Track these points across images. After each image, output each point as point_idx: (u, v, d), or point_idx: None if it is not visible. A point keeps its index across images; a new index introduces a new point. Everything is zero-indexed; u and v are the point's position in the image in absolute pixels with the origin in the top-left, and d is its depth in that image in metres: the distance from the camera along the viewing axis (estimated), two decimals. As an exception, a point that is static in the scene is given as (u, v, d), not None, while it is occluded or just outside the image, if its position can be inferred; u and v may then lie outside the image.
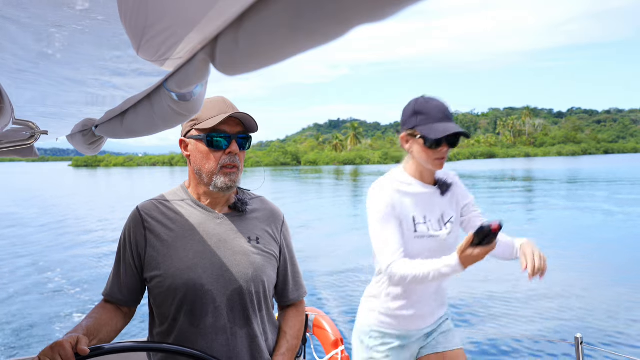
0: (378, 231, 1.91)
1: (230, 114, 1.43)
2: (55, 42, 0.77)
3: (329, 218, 19.16)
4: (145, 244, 1.48)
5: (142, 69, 0.96)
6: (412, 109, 1.94)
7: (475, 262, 1.78)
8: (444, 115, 1.89)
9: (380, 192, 1.95)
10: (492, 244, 1.76)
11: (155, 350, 1.29)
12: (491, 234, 1.72)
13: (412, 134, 1.92)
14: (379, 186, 1.99)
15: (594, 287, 8.41)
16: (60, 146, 2.21)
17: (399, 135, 2.02)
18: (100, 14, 0.65)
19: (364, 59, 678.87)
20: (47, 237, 15.59)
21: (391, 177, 2.01)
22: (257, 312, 1.51)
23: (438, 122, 1.88)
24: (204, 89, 0.81)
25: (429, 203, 1.98)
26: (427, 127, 1.87)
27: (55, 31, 0.71)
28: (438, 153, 1.89)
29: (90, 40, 0.77)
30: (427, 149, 1.89)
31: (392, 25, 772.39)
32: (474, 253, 1.74)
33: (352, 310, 7.54)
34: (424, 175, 2.00)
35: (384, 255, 1.88)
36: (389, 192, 1.94)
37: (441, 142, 1.87)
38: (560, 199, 23.11)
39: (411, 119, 1.93)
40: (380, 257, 1.89)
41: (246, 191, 1.67)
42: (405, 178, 1.99)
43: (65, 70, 0.97)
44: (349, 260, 11.17)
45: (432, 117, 1.89)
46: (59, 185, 49.94)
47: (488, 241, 1.74)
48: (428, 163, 1.92)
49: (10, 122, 1.12)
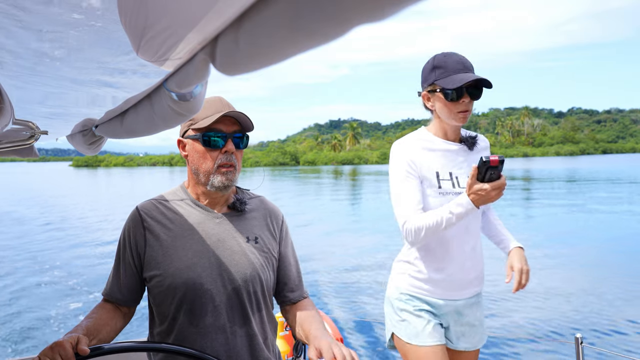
0: (396, 189, 1.88)
1: (225, 113, 1.44)
2: (56, 42, 0.77)
3: (326, 217, 19.16)
4: (145, 244, 1.49)
5: (142, 69, 0.96)
6: (430, 65, 1.90)
7: (488, 200, 1.75)
8: (464, 66, 1.84)
9: (402, 148, 1.91)
10: (501, 180, 1.75)
11: (155, 350, 1.29)
12: (491, 167, 1.72)
13: (433, 90, 1.88)
14: (401, 143, 1.95)
15: (593, 287, 8.41)
16: (61, 146, 2.19)
17: (420, 95, 1.97)
18: (101, 15, 0.65)
19: (364, 59, 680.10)
20: (47, 237, 15.60)
21: (414, 135, 1.97)
22: (256, 311, 1.52)
23: (457, 73, 1.83)
24: (204, 89, 0.81)
25: (456, 160, 1.94)
26: (446, 80, 1.83)
27: (55, 31, 0.71)
28: (460, 105, 1.84)
29: (90, 40, 0.77)
30: (448, 103, 1.84)
31: (392, 25, 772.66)
32: (485, 189, 1.73)
33: (351, 310, 7.54)
34: (449, 134, 1.95)
35: (400, 212, 1.85)
36: (411, 148, 1.90)
37: (462, 93, 1.82)
38: (558, 199, 23.11)
39: (430, 75, 1.89)
40: (397, 216, 1.86)
41: (246, 191, 1.68)
42: (429, 136, 1.94)
43: (65, 70, 0.97)
44: (348, 259, 11.17)
45: (450, 69, 1.84)
46: (60, 185, 50.01)
47: (492, 177, 1.75)
48: (451, 118, 1.87)
49: (10, 122, 1.12)
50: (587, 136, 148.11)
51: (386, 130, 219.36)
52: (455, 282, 1.92)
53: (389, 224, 16.16)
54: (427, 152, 1.90)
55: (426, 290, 1.93)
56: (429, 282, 1.92)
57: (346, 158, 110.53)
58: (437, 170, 1.89)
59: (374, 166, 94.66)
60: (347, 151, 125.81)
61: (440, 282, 1.91)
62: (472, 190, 1.75)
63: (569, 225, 15.47)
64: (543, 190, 28.99)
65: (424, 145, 1.91)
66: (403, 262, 2.00)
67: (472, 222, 1.94)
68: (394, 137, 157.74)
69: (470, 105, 1.87)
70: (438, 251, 1.90)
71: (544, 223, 15.96)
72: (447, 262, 1.90)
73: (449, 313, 1.96)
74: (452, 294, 1.93)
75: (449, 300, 1.94)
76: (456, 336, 1.99)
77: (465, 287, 1.95)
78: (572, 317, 6.85)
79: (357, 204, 24.10)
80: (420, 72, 1.96)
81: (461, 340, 1.99)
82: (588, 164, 66.27)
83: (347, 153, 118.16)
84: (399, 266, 2.02)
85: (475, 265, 1.97)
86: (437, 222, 1.78)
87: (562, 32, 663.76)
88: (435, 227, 1.78)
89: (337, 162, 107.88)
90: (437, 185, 1.87)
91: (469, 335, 2.00)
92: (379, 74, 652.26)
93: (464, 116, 1.87)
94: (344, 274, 9.82)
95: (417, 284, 1.93)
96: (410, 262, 1.96)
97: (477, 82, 1.82)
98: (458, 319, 1.98)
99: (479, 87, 1.85)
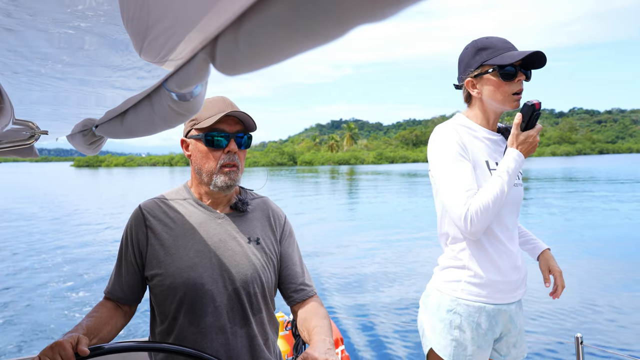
0: (448, 173, 1.70)
1: (228, 113, 1.44)
2: (56, 43, 0.77)
3: (324, 215, 19.17)
4: (147, 243, 1.49)
5: (142, 69, 0.96)
6: (474, 49, 1.78)
7: (534, 148, 1.70)
8: (511, 45, 1.73)
9: (449, 132, 1.76)
10: (537, 126, 1.72)
11: (155, 350, 1.29)
12: (535, 111, 1.69)
13: (481, 73, 1.76)
14: (445, 128, 1.79)
15: (593, 287, 8.41)
16: (63, 146, 2.18)
17: (460, 84, 1.85)
18: (101, 15, 0.65)
19: (367, 59, 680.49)
20: (51, 235, 15.61)
21: (456, 120, 1.84)
22: (257, 312, 1.52)
23: (507, 51, 1.72)
24: (204, 89, 0.81)
25: (498, 150, 1.83)
26: (498, 58, 1.71)
27: (55, 31, 0.71)
28: (516, 85, 1.73)
29: (90, 40, 0.77)
30: (503, 84, 1.72)
31: (394, 25, 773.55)
32: (532, 136, 1.68)
33: (352, 309, 7.54)
34: (490, 122, 1.83)
35: (456, 200, 1.66)
36: (459, 133, 1.76)
37: (516, 72, 1.71)
38: (556, 199, 23.10)
39: (475, 58, 1.76)
40: (453, 203, 1.67)
41: (249, 191, 1.68)
42: (471, 124, 1.82)
43: (66, 71, 0.97)
44: (348, 258, 11.17)
45: (500, 47, 1.73)
46: (61, 184, 50.24)
47: (534, 122, 1.71)
48: (505, 102, 1.75)
49: (10, 122, 1.13)
50: (584, 136, 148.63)
51: (387, 131, 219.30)
52: (512, 282, 1.79)
53: (387, 222, 16.16)
54: (474, 139, 1.78)
55: (485, 297, 1.76)
56: (488, 286, 1.75)
57: (343, 158, 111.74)
58: (487, 160, 1.78)
59: (370, 166, 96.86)
60: (344, 151, 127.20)
61: (499, 283, 1.76)
62: (519, 141, 1.69)
63: (569, 225, 15.47)
64: (540, 189, 28.98)
65: (469, 132, 1.79)
66: (453, 269, 1.80)
67: (512, 218, 1.84)
68: (393, 137, 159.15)
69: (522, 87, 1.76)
70: (491, 250, 1.76)
71: (544, 223, 15.96)
72: (503, 260, 1.77)
73: (503, 322, 1.82)
74: (510, 296, 1.80)
75: (505, 305, 1.80)
76: (507, 346, 1.86)
77: (520, 286, 1.84)
78: (572, 317, 6.85)
79: (354, 202, 24.10)
80: (458, 62, 1.86)
81: (512, 350, 1.87)
82: (584, 164, 66.45)
83: (344, 153, 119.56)
84: (448, 273, 1.81)
85: (523, 262, 1.87)
86: (498, 188, 1.65)
87: (565, 33, 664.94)
88: (499, 197, 1.65)
89: (334, 162, 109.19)
90: (490, 174, 1.75)
91: (519, 344, 1.89)
92: (381, 74, 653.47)
93: (518, 100, 1.76)
94: (344, 274, 9.82)
95: (475, 291, 1.75)
96: (463, 267, 1.77)
97: (530, 59, 1.71)
98: (512, 327, 1.85)
99: (528, 67, 1.74)
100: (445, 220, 1.83)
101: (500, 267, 1.76)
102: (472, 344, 1.76)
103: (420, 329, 1.91)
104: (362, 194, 29.96)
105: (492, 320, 1.78)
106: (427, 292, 1.90)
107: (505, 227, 1.80)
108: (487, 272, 1.75)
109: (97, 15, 0.65)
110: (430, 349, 1.84)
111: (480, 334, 1.77)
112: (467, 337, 1.76)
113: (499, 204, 1.67)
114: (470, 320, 1.76)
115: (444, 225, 1.84)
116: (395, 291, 8.59)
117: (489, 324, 1.78)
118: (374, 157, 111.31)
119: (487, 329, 1.77)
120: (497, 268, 1.76)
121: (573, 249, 11.71)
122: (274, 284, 1.59)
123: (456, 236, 1.79)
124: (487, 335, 1.78)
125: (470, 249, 1.76)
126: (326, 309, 1.56)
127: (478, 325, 1.76)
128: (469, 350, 1.76)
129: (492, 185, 1.67)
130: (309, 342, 1.39)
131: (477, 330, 1.76)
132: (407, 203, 23.29)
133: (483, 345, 1.78)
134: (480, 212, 1.63)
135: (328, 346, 1.27)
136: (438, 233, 1.89)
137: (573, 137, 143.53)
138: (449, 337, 1.77)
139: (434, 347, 1.81)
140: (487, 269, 1.75)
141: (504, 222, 1.79)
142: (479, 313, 1.76)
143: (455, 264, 1.80)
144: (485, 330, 1.77)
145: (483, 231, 1.69)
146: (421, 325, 1.90)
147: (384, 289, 8.78)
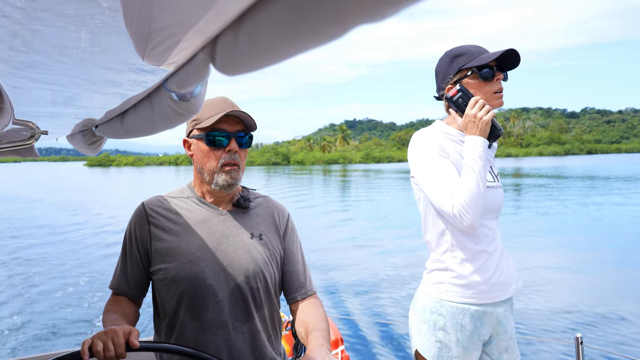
0: (430, 173, 1.73)
1: (228, 112, 1.46)
2: (56, 43, 0.77)
3: (319, 211, 19.17)
4: (150, 238, 1.52)
5: (142, 69, 0.96)
6: (448, 58, 1.82)
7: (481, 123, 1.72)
8: (484, 49, 1.79)
9: (427, 136, 1.80)
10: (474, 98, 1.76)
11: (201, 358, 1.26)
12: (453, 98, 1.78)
13: (460, 78, 1.80)
14: (423, 133, 1.83)
15: (593, 287, 8.41)
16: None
17: (440, 94, 1.88)
18: (101, 15, 0.65)
19: (383, 59, 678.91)
20: (67, 234, 15.67)
21: (434, 127, 1.87)
22: (259, 308, 1.52)
23: (481, 54, 1.78)
24: (204, 89, 0.81)
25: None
26: (475, 60, 1.76)
27: (55, 31, 0.71)
28: (495, 85, 1.78)
29: (90, 40, 0.77)
30: (483, 84, 1.78)
31: (410, 24, 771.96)
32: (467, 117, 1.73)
33: (352, 309, 7.54)
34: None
35: (442, 200, 1.69)
36: (437, 136, 1.79)
37: (494, 72, 1.76)
38: (555, 198, 23.10)
39: (452, 65, 1.81)
40: (441, 203, 1.70)
41: (252, 190, 1.69)
42: (451, 129, 1.84)
43: (66, 70, 0.97)
44: (346, 258, 11.17)
45: (473, 52, 1.78)
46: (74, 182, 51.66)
47: (464, 102, 1.78)
48: (489, 101, 1.78)
49: (10, 122, 1.13)
50: (573, 137, 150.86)
51: (400, 130, 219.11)
52: (496, 283, 1.79)
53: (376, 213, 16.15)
54: (454, 144, 1.80)
55: (469, 297, 1.76)
56: (471, 287, 1.76)
57: (332, 158, 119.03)
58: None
59: (357, 165, 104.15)
60: (335, 152, 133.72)
61: (481, 284, 1.76)
62: (464, 126, 1.73)
63: (569, 224, 15.46)
64: (533, 188, 28.98)
65: (448, 137, 1.82)
66: (437, 271, 1.81)
67: (493, 218, 1.84)
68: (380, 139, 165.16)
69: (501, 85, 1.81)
70: (473, 251, 1.77)
71: (542, 221, 15.96)
72: (485, 260, 1.78)
73: (491, 324, 1.81)
74: (494, 295, 1.79)
75: (491, 307, 1.80)
76: (498, 350, 1.85)
77: (504, 287, 1.82)
78: (572, 317, 6.85)
79: (346, 197, 24.13)
80: (435, 73, 1.89)
81: (503, 355, 1.86)
82: (567, 163, 67.03)
83: (334, 154, 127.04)
84: (433, 276, 1.83)
85: (509, 262, 1.88)
86: (474, 180, 1.67)
87: (582, 31, 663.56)
88: (479, 185, 1.67)
89: (324, 162, 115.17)
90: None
91: (512, 350, 1.87)
92: (397, 73, 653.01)
93: (501, 97, 1.80)
94: (343, 274, 9.81)
95: (459, 292, 1.76)
96: (446, 269, 1.79)
97: (505, 59, 1.76)
98: (501, 331, 1.83)
99: (508, 64, 1.79)
100: (429, 224, 1.84)
101: (482, 268, 1.77)
102: (457, 345, 1.76)
103: (410, 331, 1.93)
104: (352, 191, 30.11)
105: (477, 322, 1.78)
106: (416, 295, 1.92)
107: (487, 227, 1.81)
108: (470, 273, 1.76)
109: (97, 15, 0.65)
110: (416, 351, 1.86)
111: (465, 335, 1.77)
112: (452, 339, 1.77)
113: (482, 191, 1.69)
114: (454, 322, 1.77)
115: (428, 229, 1.86)
116: (396, 291, 8.60)
117: (474, 325, 1.78)
118: (361, 157, 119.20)
119: (472, 331, 1.77)
120: (479, 269, 1.77)
121: (573, 248, 11.71)
122: (278, 280, 1.59)
123: (439, 239, 1.82)
124: (472, 337, 1.78)
125: (453, 251, 1.79)
126: (325, 308, 1.57)
127: (462, 327, 1.77)
128: (453, 351, 1.76)
129: (466, 177, 1.70)
130: (306, 344, 1.40)
131: (462, 332, 1.77)
132: (405, 197, 23.32)
133: (469, 347, 1.78)
134: (467, 205, 1.66)
135: (326, 352, 1.28)
136: (423, 237, 1.91)
137: (562, 137, 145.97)
138: (433, 338, 1.79)
139: (419, 348, 1.83)
140: (470, 270, 1.77)
141: (484, 223, 1.80)
142: (463, 314, 1.77)
143: (439, 267, 1.82)
144: (470, 332, 1.77)
145: (479, 222, 1.71)
146: (410, 327, 1.92)
147: (385, 288, 8.79)
